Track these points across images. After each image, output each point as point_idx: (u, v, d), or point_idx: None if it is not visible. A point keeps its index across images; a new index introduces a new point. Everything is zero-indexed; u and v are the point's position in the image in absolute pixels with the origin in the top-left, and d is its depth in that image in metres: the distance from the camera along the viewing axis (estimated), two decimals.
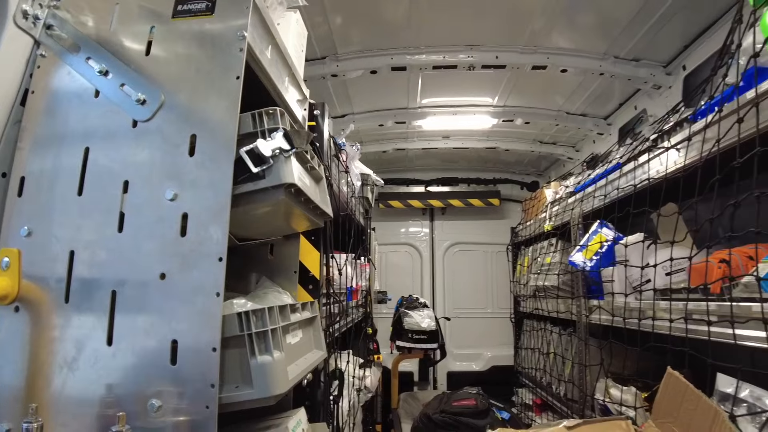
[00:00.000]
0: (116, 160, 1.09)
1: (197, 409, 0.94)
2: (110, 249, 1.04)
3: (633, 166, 2.44)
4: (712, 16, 2.41)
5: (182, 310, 0.98)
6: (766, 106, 1.44)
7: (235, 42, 1.10)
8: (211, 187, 1.03)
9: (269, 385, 1.00)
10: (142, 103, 1.08)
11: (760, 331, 1.40)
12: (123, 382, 0.98)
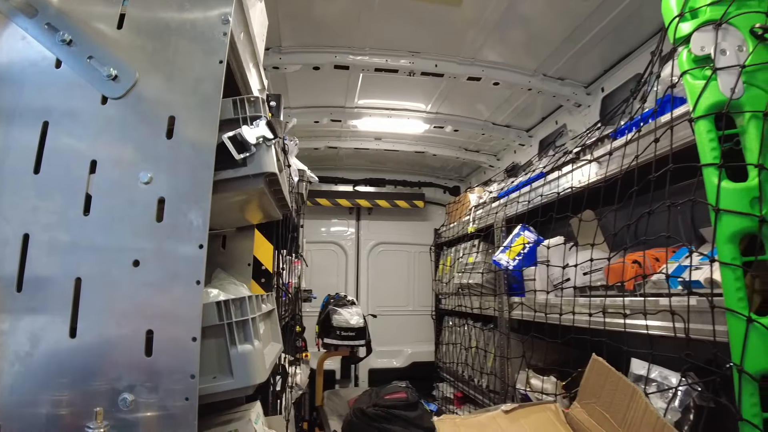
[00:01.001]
0: (82, 138, 1.01)
1: (176, 402, 0.91)
2: (74, 233, 0.96)
3: (557, 176, 2.68)
4: (629, 48, 2.75)
5: (159, 299, 0.94)
6: (678, 129, 1.67)
7: (218, 25, 1.08)
8: (190, 171, 1.00)
9: (250, 375, 0.99)
10: (114, 78, 1.02)
11: (667, 321, 1.64)
12: (89, 378, 0.91)
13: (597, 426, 1.62)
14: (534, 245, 2.92)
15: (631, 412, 1.48)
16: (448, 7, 2.46)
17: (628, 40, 2.66)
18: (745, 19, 1.40)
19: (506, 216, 3.28)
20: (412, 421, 2.54)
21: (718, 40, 1.43)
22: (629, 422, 1.48)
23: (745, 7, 1.41)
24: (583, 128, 3.32)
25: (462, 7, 2.46)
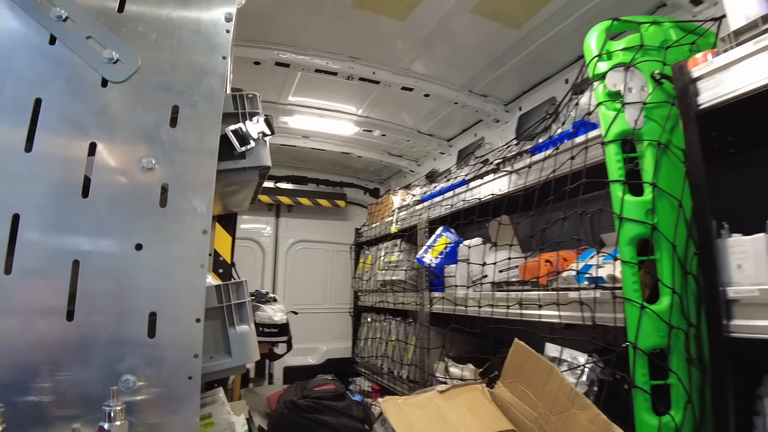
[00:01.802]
0: (79, 118, 1.01)
1: (179, 381, 0.95)
2: (71, 215, 0.96)
3: (479, 183, 2.97)
4: (546, 74, 3.13)
5: (162, 282, 0.98)
6: (591, 149, 1.99)
7: (221, 23, 1.13)
8: (195, 160, 1.04)
9: (247, 354, 1.06)
10: (115, 62, 1.03)
11: (576, 311, 1.95)
12: (89, 360, 0.92)
13: (518, 401, 1.87)
14: (455, 245, 3.19)
15: (548, 386, 1.75)
16: (392, 21, 2.63)
17: (546, 68, 3.03)
18: (648, 65, 1.73)
19: (430, 218, 3.52)
20: (341, 410, 2.66)
21: (627, 80, 1.75)
22: (547, 395, 1.74)
23: (648, 56, 1.75)
24: (500, 142, 3.67)
25: (405, 22, 2.65)
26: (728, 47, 1.46)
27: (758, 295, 1.30)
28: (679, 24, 1.87)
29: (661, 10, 2.31)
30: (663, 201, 1.64)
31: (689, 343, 1.54)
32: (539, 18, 2.53)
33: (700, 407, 1.52)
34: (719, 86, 1.46)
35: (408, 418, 1.74)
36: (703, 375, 1.53)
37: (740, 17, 1.48)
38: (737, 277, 1.36)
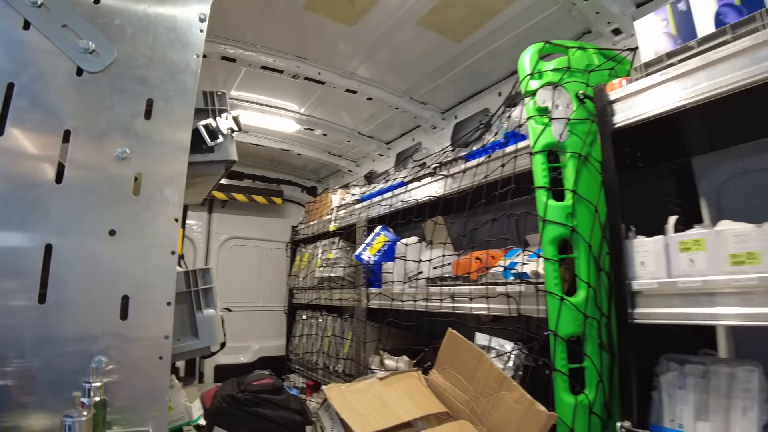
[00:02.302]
0: (54, 105, 1.01)
1: (150, 361, 0.99)
2: (43, 200, 0.97)
3: (417, 186, 3.13)
4: (480, 87, 3.36)
5: (135, 267, 1.01)
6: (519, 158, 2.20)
7: (196, 22, 1.18)
8: (168, 152, 1.08)
9: (213, 335, 1.12)
10: (91, 52, 1.05)
11: (503, 304, 2.14)
12: (62, 342, 0.94)
13: (451, 386, 2.03)
14: (393, 243, 3.34)
15: (478, 371, 1.92)
16: (342, 25, 2.73)
17: (481, 81, 3.26)
18: (573, 85, 1.95)
19: (369, 217, 3.64)
20: (280, 403, 2.70)
21: (555, 98, 1.97)
22: (477, 379, 1.91)
23: (574, 78, 1.97)
24: (436, 147, 3.88)
25: (354, 27, 2.76)
26: (639, 76, 1.71)
27: (657, 287, 1.54)
28: (601, 51, 2.13)
29: (586, 36, 2.59)
30: (581, 206, 1.86)
31: (601, 331, 1.77)
32: (479, 34, 2.74)
33: (609, 386, 1.76)
34: (631, 109, 1.70)
35: (351, 402, 1.84)
36: (612, 358, 1.76)
37: (650, 51, 1.74)
38: (640, 272, 1.60)
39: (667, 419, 1.58)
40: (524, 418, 1.69)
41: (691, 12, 1.64)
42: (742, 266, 1.34)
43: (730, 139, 2.00)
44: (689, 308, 1.45)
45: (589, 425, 1.73)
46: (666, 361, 1.65)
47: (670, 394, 1.60)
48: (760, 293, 1.30)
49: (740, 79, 1.41)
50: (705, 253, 1.43)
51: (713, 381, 1.51)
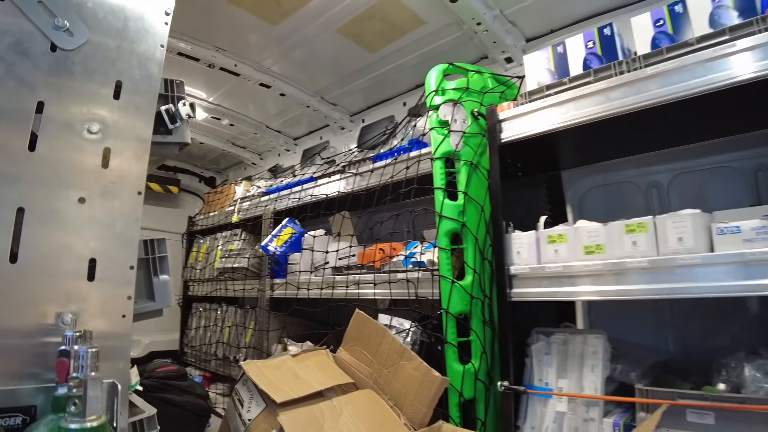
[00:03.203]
0: (27, 76, 1.06)
1: (114, 319, 1.09)
2: (17, 165, 1.02)
3: (326, 181, 3.34)
4: (387, 96, 3.65)
5: (102, 233, 1.10)
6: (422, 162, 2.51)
7: (162, 15, 1.28)
8: (134, 130, 1.18)
9: (167, 298, 1.23)
10: (65, 30, 1.11)
11: (404, 288, 2.44)
12: (30, 299, 1.00)
13: (357, 361, 2.27)
14: (300, 235, 3.50)
15: (382, 346, 2.19)
16: (264, 23, 2.85)
17: (389, 90, 3.56)
18: (470, 104, 2.31)
19: (276, 210, 3.76)
20: (185, 389, 2.73)
21: (454, 113, 2.30)
22: (381, 353, 2.18)
23: (470, 97, 2.33)
24: (343, 147, 4.11)
25: (276, 26, 2.89)
26: (524, 101, 2.09)
27: (528, 271, 1.92)
28: (495, 76, 2.52)
29: (483, 61, 2.99)
30: (471, 205, 2.22)
31: (485, 309, 2.13)
32: (391, 48, 3.03)
33: (491, 356, 2.13)
34: (515, 128, 2.08)
35: (267, 376, 2.00)
36: (493, 332, 2.13)
37: (534, 82, 2.14)
38: (516, 260, 1.98)
39: (536, 379, 1.97)
40: (422, 383, 1.98)
41: (567, 55, 2.07)
42: (592, 255, 1.77)
43: (592, 158, 2.52)
44: (554, 288, 1.86)
45: (475, 389, 2.08)
46: (536, 333, 2.05)
47: (538, 360, 1.99)
48: (604, 275, 1.72)
49: (598, 112, 1.83)
50: (566, 245, 1.84)
51: (571, 347, 1.93)
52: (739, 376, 1.60)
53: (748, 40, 1.54)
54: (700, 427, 1.56)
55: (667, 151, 2.33)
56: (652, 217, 1.65)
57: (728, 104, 1.70)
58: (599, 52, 2.00)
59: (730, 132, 2.11)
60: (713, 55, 1.60)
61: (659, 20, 1.89)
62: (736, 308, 2.08)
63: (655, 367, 1.98)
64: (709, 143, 2.19)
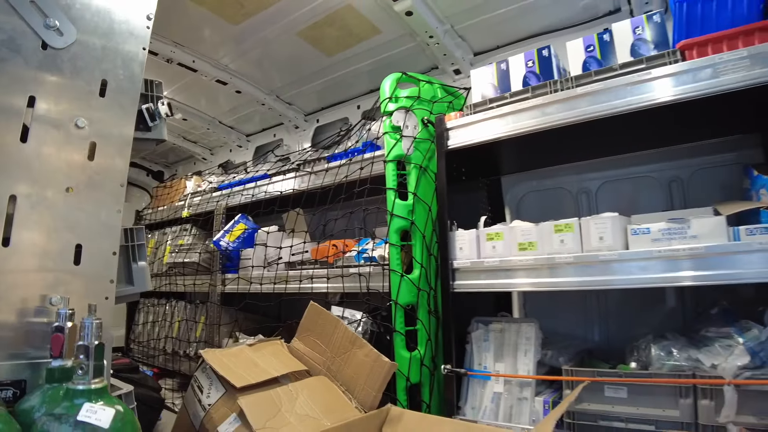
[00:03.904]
0: (19, 72, 1.12)
1: (98, 300, 1.17)
2: (9, 156, 1.08)
3: (281, 179, 3.43)
4: (341, 99, 3.79)
5: (88, 221, 1.18)
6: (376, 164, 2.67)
7: (144, 19, 1.36)
8: (117, 126, 1.26)
9: (145, 283, 1.32)
10: (55, 29, 1.18)
11: (356, 282, 2.59)
12: (21, 281, 1.07)
13: (311, 351, 2.39)
14: (253, 231, 3.57)
15: (335, 336, 2.32)
16: (225, 22, 2.91)
17: (343, 93, 3.70)
18: (420, 112, 2.49)
19: (228, 205, 3.80)
20: (138, 381, 2.73)
21: (406, 119, 2.48)
22: (334, 342, 2.31)
23: (421, 105, 2.51)
24: (296, 146, 4.20)
25: (237, 26, 2.96)
26: (469, 113, 2.30)
27: (469, 265, 2.13)
28: (444, 86, 2.72)
29: (433, 71, 3.19)
30: (419, 205, 2.40)
31: (430, 300, 2.32)
32: (347, 54, 3.17)
33: (435, 343, 2.31)
34: (461, 136, 2.27)
35: (225, 363, 2.08)
36: (438, 321, 2.32)
37: (479, 95, 2.34)
38: (459, 255, 2.18)
39: (476, 364, 2.18)
40: (372, 368, 2.13)
41: (509, 72, 2.29)
42: (525, 251, 1.99)
43: (529, 165, 2.77)
44: (491, 280, 2.07)
45: (421, 374, 2.26)
46: (475, 322, 2.26)
47: (478, 346, 2.20)
48: (536, 268, 1.95)
49: (535, 125, 2.05)
50: (503, 242, 2.06)
51: (507, 334, 2.15)
52: (647, 355, 1.87)
53: (661, 70, 1.81)
54: (615, 400, 1.81)
55: (596, 161, 2.62)
56: (578, 219, 1.89)
57: (647, 122, 1.97)
58: (537, 70, 2.23)
59: (650, 146, 2.42)
60: (633, 80, 1.86)
61: (590, 46, 2.15)
62: (650, 300, 2.39)
63: (580, 353, 2.24)
64: (633, 155, 2.50)
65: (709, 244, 1.62)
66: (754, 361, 1.63)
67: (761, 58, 1.62)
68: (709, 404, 1.64)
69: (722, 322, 1.84)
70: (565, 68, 2.28)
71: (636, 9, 2.55)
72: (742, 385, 1.57)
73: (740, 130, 2.20)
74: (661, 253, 1.70)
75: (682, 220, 1.70)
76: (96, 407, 0.84)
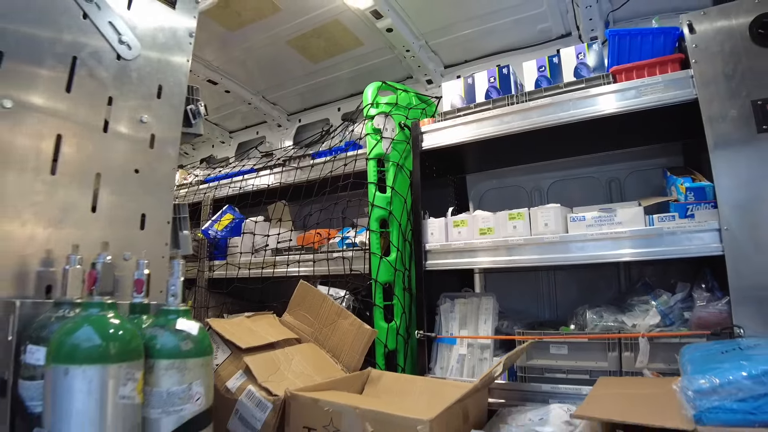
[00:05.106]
0: (102, 78, 1.44)
1: (156, 259, 1.49)
2: (95, 143, 1.39)
3: (268, 173, 3.74)
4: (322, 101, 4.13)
5: (149, 196, 1.50)
6: (359, 161, 3.03)
7: (186, 36, 1.68)
8: (170, 122, 1.59)
9: (188, 247, 1.64)
10: (126, 45, 1.49)
11: (340, 265, 2.94)
12: (102, 240, 1.37)
13: (300, 323, 2.74)
14: (239, 221, 3.87)
15: (322, 309, 2.67)
16: (222, 28, 3.19)
17: (325, 96, 4.04)
18: (398, 116, 2.87)
19: (215, 197, 4.08)
20: None
21: (385, 123, 2.85)
22: (321, 315, 2.66)
23: (399, 111, 2.89)
24: (278, 143, 4.51)
25: (232, 33, 3.25)
26: (440, 119, 2.69)
27: (439, 247, 2.52)
28: (418, 95, 3.11)
29: (408, 81, 3.58)
30: (396, 198, 2.78)
31: (405, 279, 2.70)
32: (331, 61, 3.52)
33: (409, 316, 2.70)
34: (433, 139, 2.67)
35: (229, 329, 2.40)
36: (411, 297, 2.71)
37: (448, 104, 2.74)
38: (430, 239, 2.57)
39: (444, 331, 2.57)
40: (356, 335, 2.50)
41: (474, 85, 2.69)
42: (485, 235, 2.40)
43: (490, 166, 3.20)
44: (458, 259, 2.47)
45: (397, 342, 2.64)
46: (444, 297, 2.66)
47: (445, 317, 2.60)
48: (494, 249, 2.36)
49: (495, 131, 2.45)
50: (467, 227, 2.46)
51: (470, 306, 2.55)
52: (584, 320, 2.30)
53: (597, 89, 2.24)
54: (558, 356, 2.23)
55: (547, 163, 3.07)
56: (527, 209, 2.32)
57: (587, 131, 2.39)
58: (498, 86, 2.65)
59: (592, 151, 2.88)
60: (575, 97, 2.28)
61: (542, 66, 2.58)
62: (591, 280, 2.85)
63: (532, 324, 2.66)
64: (578, 159, 2.96)
65: (631, 229, 2.06)
66: (665, 321, 2.09)
67: (672, 83, 2.07)
68: (630, 356, 2.07)
69: (643, 292, 2.30)
70: (521, 83, 2.71)
71: (584, 35, 3.02)
72: (654, 338, 2.01)
73: (664, 139, 2.67)
74: (594, 235, 2.13)
75: (610, 209, 2.14)
76: (186, 321, 1.18)
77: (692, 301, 2.03)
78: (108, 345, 0.95)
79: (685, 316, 2.05)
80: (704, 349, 1.61)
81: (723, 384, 1.19)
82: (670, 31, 2.22)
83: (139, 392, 1.02)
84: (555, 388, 2.13)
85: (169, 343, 1.09)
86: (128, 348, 0.98)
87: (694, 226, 1.93)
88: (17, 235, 1.20)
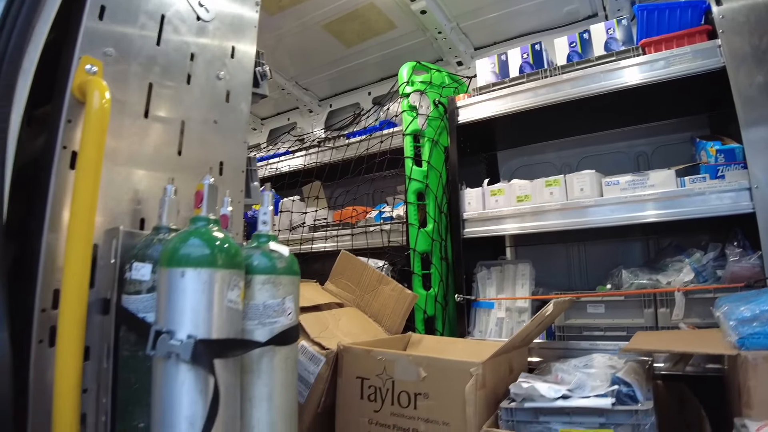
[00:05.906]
0: (185, 37, 1.59)
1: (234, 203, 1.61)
2: (181, 94, 1.55)
3: (303, 154, 3.89)
4: (352, 86, 4.25)
5: (226, 145, 1.65)
6: (395, 138, 3.16)
7: (253, 5, 1.85)
8: (242, 80, 1.75)
9: (258, 197, 1.79)
10: (203, 7, 1.64)
11: (377, 239, 3.08)
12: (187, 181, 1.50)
13: (341, 290, 2.88)
14: (276, 201, 4.03)
15: (363, 276, 2.81)
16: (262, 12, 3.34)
17: (356, 80, 4.16)
18: (432, 94, 2.99)
19: None
20: None
21: (420, 100, 2.98)
22: (362, 282, 2.80)
23: (432, 89, 3.01)
24: (309, 129, 4.65)
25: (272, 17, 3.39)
26: (475, 94, 2.81)
27: (476, 215, 2.65)
28: (450, 75, 3.24)
29: (438, 63, 3.70)
30: (432, 171, 2.90)
31: (441, 249, 2.83)
32: (364, 45, 3.64)
33: (446, 284, 2.83)
34: (468, 113, 2.79)
35: None
36: (447, 266, 2.84)
37: (483, 80, 2.85)
38: (467, 208, 2.70)
39: (481, 296, 2.70)
40: (397, 300, 2.63)
41: (508, 62, 2.81)
42: (522, 202, 2.52)
43: (520, 142, 3.30)
44: (494, 226, 2.59)
45: (435, 308, 2.77)
46: (480, 265, 2.79)
47: (483, 284, 2.72)
48: (530, 214, 2.48)
49: (528, 104, 2.57)
50: (503, 196, 2.58)
51: (506, 272, 2.68)
52: (620, 279, 2.41)
53: (627, 61, 2.34)
54: (596, 315, 2.34)
55: (576, 138, 3.16)
56: (563, 176, 2.43)
57: (617, 103, 2.50)
58: (531, 61, 2.76)
59: (621, 125, 2.98)
60: (606, 69, 2.39)
61: (573, 42, 2.68)
62: (621, 248, 2.95)
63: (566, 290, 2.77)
64: (606, 134, 3.05)
65: (663, 191, 2.16)
66: (698, 279, 2.19)
67: (700, 53, 2.17)
68: (665, 311, 2.18)
69: (675, 252, 2.40)
70: (552, 61, 2.81)
71: (610, 14, 3.11)
72: (689, 292, 2.12)
73: (691, 112, 2.76)
74: (627, 198, 2.24)
75: (642, 173, 2.25)
76: (277, 244, 1.33)
77: (724, 259, 2.12)
78: (217, 252, 1.09)
79: (718, 273, 2.15)
80: (740, 296, 1.72)
81: (764, 311, 1.30)
82: (697, 4, 2.31)
83: (242, 301, 1.17)
84: (594, 345, 2.24)
85: (264, 260, 1.23)
86: (234, 257, 1.12)
87: (724, 186, 2.03)
88: (117, 173, 1.35)
